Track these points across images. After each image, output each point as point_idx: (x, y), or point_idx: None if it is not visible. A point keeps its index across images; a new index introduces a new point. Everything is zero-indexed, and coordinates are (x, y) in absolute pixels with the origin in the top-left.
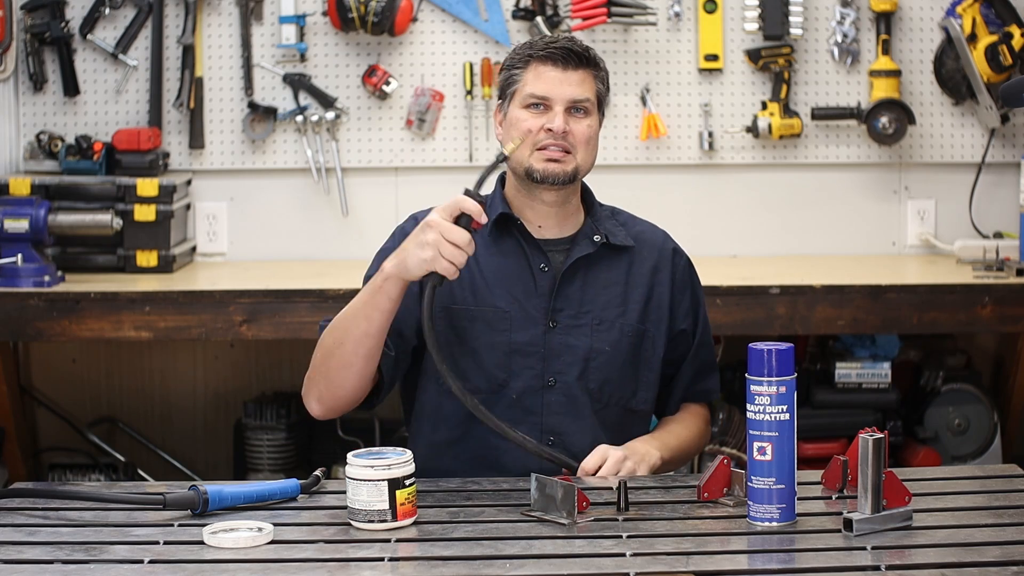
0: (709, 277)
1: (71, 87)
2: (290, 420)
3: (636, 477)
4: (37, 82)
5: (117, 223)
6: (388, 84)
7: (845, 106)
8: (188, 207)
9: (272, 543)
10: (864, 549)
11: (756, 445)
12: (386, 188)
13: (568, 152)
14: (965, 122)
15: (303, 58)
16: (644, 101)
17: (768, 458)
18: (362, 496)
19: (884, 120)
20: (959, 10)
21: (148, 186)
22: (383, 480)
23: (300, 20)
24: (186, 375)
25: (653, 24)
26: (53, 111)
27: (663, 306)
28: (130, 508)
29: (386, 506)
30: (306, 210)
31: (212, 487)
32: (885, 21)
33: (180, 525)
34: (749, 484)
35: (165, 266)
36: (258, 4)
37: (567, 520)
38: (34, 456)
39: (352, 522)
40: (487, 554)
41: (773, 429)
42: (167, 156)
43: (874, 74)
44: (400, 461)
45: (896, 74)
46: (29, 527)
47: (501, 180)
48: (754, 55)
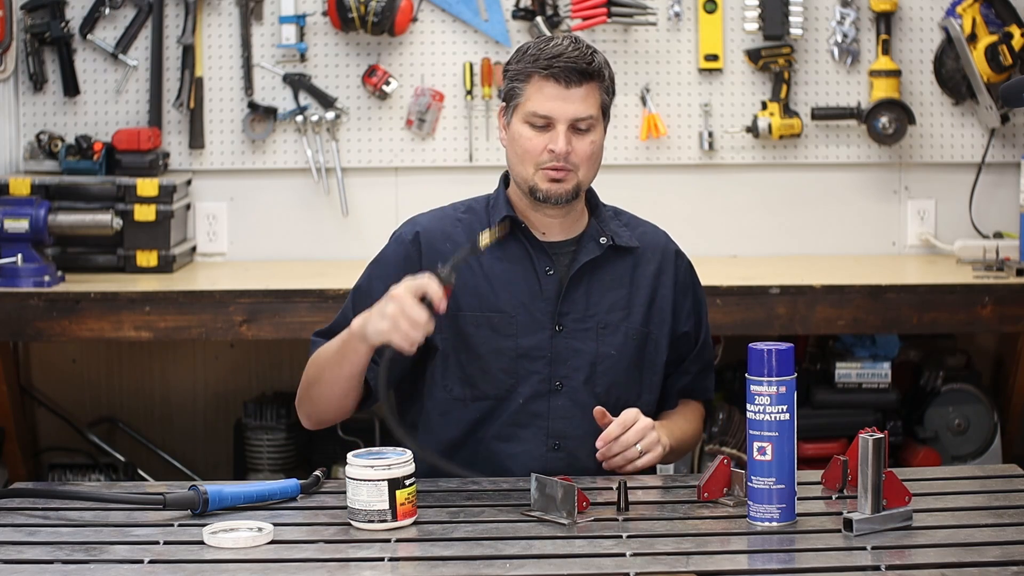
0: (709, 277)
1: (71, 87)
2: (290, 420)
3: (636, 477)
4: (37, 82)
5: (117, 223)
6: (388, 84)
7: (845, 106)
8: (188, 207)
9: (272, 543)
10: (864, 549)
11: (756, 445)
12: (386, 188)
13: (570, 170)
14: (965, 122)
15: (303, 58)
16: (644, 101)
17: (768, 458)
18: (362, 496)
19: (884, 120)
20: (959, 10)
21: (148, 186)
22: (383, 480)
23: (300, 20)
24: (186, 375)
25: (653, 24)
26: (53, 111)
27: (666, 309)
28: (130, 508)
29: (386, 506)
30: (306, 210)
31: (212, 487)
32: (885, 21)
33: (180, 525)
34: (749, 484)
35: (165, 266)
36: (258, 4)
37: (567, 520)
38: (34, 456)
39: (352, 522)
40: (487, 554)
41: (773, 429)
42: (167, 156)
43: (874, 74)
44: (400, 461)
45: (896, 74)
46: (29, 527)
47: (505, 179)
48: (754, 55)
